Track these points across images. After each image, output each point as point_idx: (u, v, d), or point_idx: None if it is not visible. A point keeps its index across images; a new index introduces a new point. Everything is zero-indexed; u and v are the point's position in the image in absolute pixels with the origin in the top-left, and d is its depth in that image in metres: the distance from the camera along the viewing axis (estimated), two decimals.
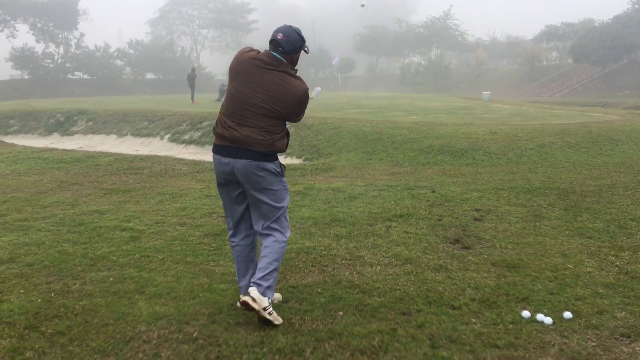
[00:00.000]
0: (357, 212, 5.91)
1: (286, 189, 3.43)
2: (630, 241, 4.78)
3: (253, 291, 3.15)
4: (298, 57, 3.37)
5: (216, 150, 3.35)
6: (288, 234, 3.43)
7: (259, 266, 3.30)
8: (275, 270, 3.29)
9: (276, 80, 3.24)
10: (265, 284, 3.20)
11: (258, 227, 3.41)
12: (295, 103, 3.29)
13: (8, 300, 3.60)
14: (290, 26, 3.34)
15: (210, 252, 4.66)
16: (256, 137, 3.22)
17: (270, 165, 3.28)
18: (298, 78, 3.33)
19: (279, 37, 3.26)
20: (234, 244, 3.53)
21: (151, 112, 18.76)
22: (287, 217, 3.48)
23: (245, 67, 3.28)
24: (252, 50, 3.37)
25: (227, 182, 3.38)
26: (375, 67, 72.15)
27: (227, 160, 3.28)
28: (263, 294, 3.17)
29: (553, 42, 62.00)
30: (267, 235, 3.37)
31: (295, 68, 3.38)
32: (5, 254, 4.56)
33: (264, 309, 3.14)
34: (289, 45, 3.27)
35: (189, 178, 8.77)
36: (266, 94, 3.22)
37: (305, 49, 3.37)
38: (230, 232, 3.54)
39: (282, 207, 3.38)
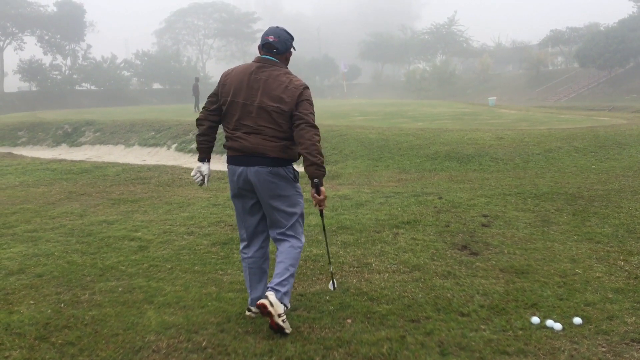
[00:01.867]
0: (364, 219, 5.91)
1: (300, 195, 3.43)
2: (639, 245, 4.75)
3: (271, 295, 3.14)
4: (290, 55, 3.40)
5: (229, 160, 3.39)
6: (303, 240, 3.43)
7: (275, 271, 3.29)
8: (291, 276, 3.29)
9: (273, 81, 3.24)
10: (282, 289, 3.20)
11: (273, 233, 3.41)
12: (295, 97, 3.21)
13: (18, 311, 3.62)
14: (277, 27, 3.38)
15: (219, 260, 4.67)
16: (266, 143, 3.22)
17: (282, 171, 3.28)
18: (294, 76, 3.32)
19: (270, 40, 3.28)
20: (246, 255, 3.49)
21: (158, 122, 18.85)
22: (302, 223, 3.47)
23: (239, 77, 3.31)
24: (239, 66, 3.43)
25: (241, 194, 3.38)
26: (380, 74, 72.26)
27: (240, 168, 3.29)
28: (280, 300, 3.17)
29: (558, 46, 61.91)
30: (282, 240, 3.37)
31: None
32: (15, 265, 4.59)
33: (279, 315, 3.13)
34: (281, 45, 3.29)
35: (196, 187, 8.79)
36: (268, 96, 3.22)
37: (294, 46, 3.41)
38: (244, 244, 3.52)
39: (296, 213, 3.38)
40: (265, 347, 3.05)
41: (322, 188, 3.35)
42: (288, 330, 3.19)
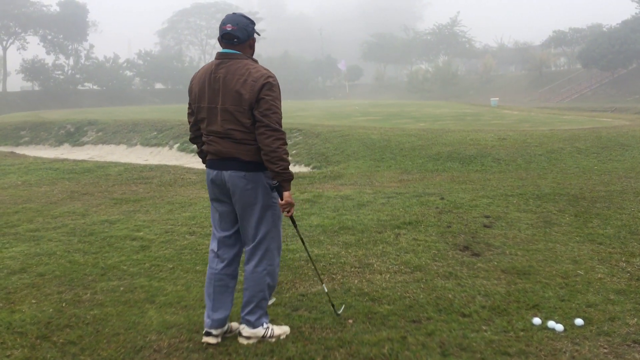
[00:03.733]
0: (365, 219, 5.90)
1: (275, 205, 3.10)
2: None
3: (245, 330, 3.11)
4: (254, 41, 3.11)
5: (207, 163, 3.19)
6: (268, 261, 3.12)
7: (244, 298, 3.15)
8: (263, 299, 3.13)
9: (232, 76, 2.97)
10: (253, 317, 3.11)
11: (246, 247, 3.17)
12: (255, 92, 2.91)
13: (20, 310, 3.62)
14: (234, 13, 3.08)
15: None
16: (238, 147, 2.99)
17: (261, 177, 3.03)
18: (255, 66, 3.02)
19: (229, 29, 2.98)
20: (212, 270, 3.18)
21: (160, 122, 18.89)
22: (276, 242, 3.16)
23: (201, 79, 3.08)
24: (203, 66, 3.20)
25: (217, 199, 3.16)
26: (383, 75, 72.26)
27: (214, 172, 3.09)
28: (255, 326, 3.11)
29: (561, 47, 61.84)
30: (248, 260, 3.14)
31: (255, 59, 3.10)
32: (17, 264, 4.60)
33: (263, 337, 3.11)
34: (242, 32, 3.00)
35: (198, 187, 8.81)
36: (228, 95, 2.98)
37: (256, 31, 3.12)
38: (212, 255, 3.22)
39: (266, 227, 3.09)
40: (266, 347, 3.06)
41: (286, 193, 3.01)
42: (284, 334, 3.18)
